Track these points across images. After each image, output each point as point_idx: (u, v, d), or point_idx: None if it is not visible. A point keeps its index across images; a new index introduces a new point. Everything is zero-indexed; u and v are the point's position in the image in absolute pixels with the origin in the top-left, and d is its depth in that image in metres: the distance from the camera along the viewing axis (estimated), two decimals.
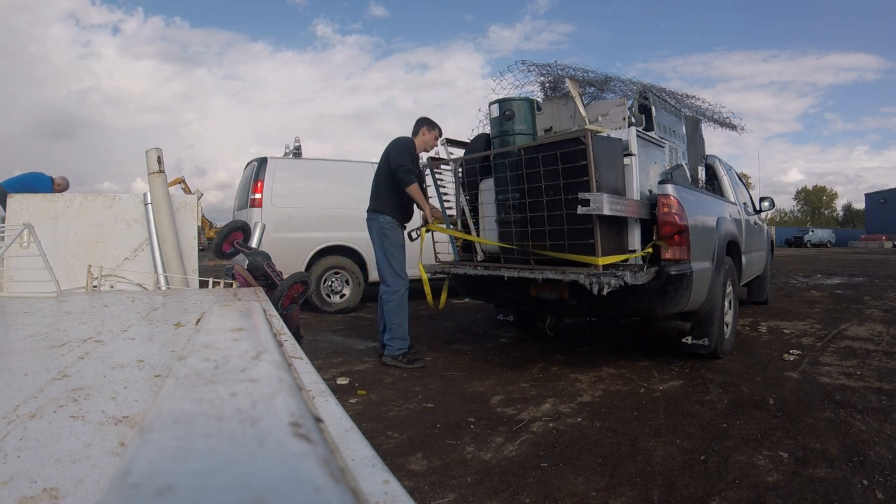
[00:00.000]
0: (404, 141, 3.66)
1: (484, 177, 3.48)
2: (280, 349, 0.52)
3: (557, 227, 2.91)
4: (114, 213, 2.22)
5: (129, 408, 0.54)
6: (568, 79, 3.67)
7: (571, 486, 1.81)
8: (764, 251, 5.56)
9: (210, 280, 2.06)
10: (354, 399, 2.79)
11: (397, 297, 3.52)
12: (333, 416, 0.47)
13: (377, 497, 0.33)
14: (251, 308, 0.88)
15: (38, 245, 1.61)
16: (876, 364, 3.35)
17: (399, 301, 3.52)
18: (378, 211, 3.63)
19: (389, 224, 3.60)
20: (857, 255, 21.37)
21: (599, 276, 2.62)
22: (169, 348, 0.83)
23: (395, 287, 3.54)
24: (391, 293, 3.53)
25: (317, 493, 0.22)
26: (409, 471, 1.94)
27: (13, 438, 0.45)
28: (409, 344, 3.54)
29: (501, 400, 2.74)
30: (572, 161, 2.78)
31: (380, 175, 3.69)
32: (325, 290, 5.80)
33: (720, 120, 5.16)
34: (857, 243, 38.70)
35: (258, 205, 5.46)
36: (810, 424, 2.33)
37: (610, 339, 4.29)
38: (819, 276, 10.27)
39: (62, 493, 0.37)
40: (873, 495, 1.71)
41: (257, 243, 2.30)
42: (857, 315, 5.36)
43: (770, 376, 3.10)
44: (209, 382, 0.37)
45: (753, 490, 1.76)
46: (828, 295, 7.18)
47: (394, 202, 3.61)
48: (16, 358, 0.77)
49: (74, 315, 1.21)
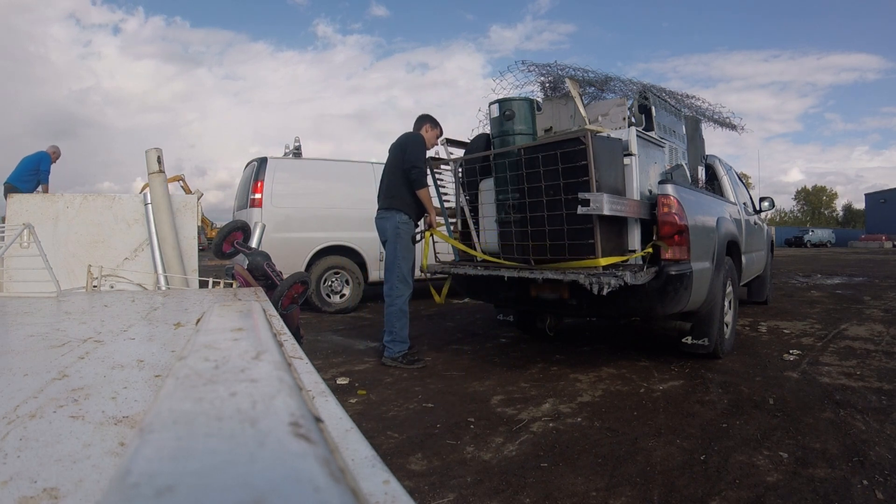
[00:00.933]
0: (419, 139, 3.58)
1: (484, 177, 3.48)
2: (280, 349, 0.52)
3: (557, 227, 2.91)
4: (114, 213, 2.22)
5: (129, 408, 0.54)
6: (568, 79, 3.67)
7: (571, 486, 1.81)
8: (764, 251, 5.56)
9: (210, 280, 2.06)
10: (354, 399, 2.79)
11: (400, 303, 3.47)
12: (333, 416, 0.47)
13: (377, 497, 0.33)
14: (251, 308, 0.88)
15: (38, 245, 1.61)
16: (876, 364, 3.35)
17: (401, 306, 3.47)
18: (393, 209, 3.49)
19: (405, 223, 3.52)
20: (857, 255, 21.37)
21: (599, 276, 2.62)
22: (169, 348, 0.83)
23: (398, 292, 3.47)
24: (394, 297, 3.47)
25: (317, 493, 0.22)
26: (409, 471, 1.94)
27: (13, 438, 0.45)
28: (410, 345, 3.52)
29: (501, 400, 2.74)
30: (572, 161, 2.78)
31: (392, 171, 3.56)
32: (325, 290, 5.80)
33: (720, 120, 5.16)
34: (856, 243, 38.70)
35: (258, 205, 5.46)
36: (810, 424, 2.33)
37: (610, 339, 4.29)
38: (819, 276, 10.26)
39: (62, 493, 0.37)
40: (873, 495, 1.71)
41: (257, 243, 2.30)
42: (857, 315, 5.36)
43: (770, 376, 3.10)
44: (209, 382, 0.37)
45: (753, 490, 1.76)
46: (828, 295, 7.18)
47: (409, 199, 3.50)
48: (16, 358, 0.77)
49: (74, 315, 1.21)
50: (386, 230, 3.54)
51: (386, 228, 3.53)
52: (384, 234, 3.59)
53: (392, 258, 3.50)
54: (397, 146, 3.61)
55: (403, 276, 3.50)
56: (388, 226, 3.51)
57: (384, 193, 3.59)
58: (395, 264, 3.48)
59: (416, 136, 3.61)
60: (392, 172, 3.57)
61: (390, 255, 3.52)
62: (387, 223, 3.52)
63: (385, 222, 3.53)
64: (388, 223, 3.51)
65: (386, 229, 3.53)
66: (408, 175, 3.45)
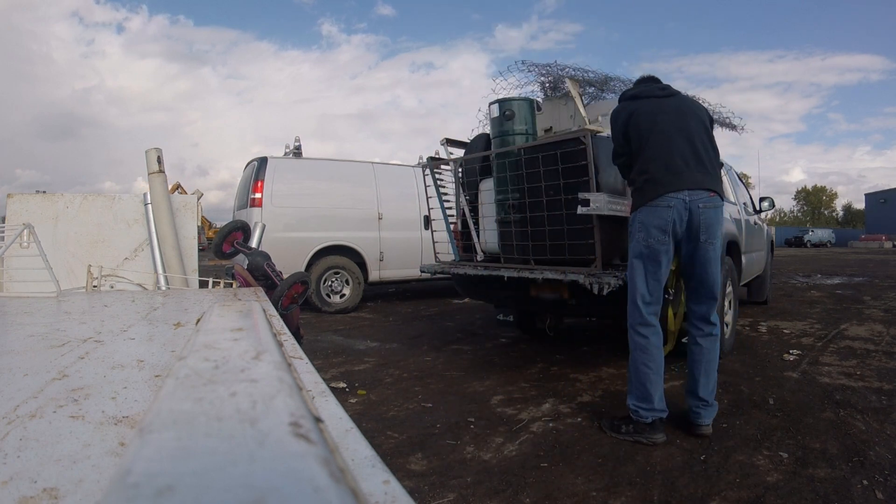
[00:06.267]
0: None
1: (484, 177, 3.48)
2: (280, 349, 0.52)
3: (557, 227, 2.91)
4: (114, 213, 2.22)
5: (129, 408, 0.54)
6: (568, 79, 3.67)
7: (571, 486, 1.81)
8: (764, 251, 5.56)
9: (210, 280, 2.06)
10: (354, 399, 2.79)
11: (720, 341, 2.34)
12: (333, 416, 0.47)
13: (377, 497, 0.33)
14: (251, 308, 0.88)
15: (38, 245, 1.62)
16: (876, 364, 3.35)
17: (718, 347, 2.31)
18: (718, 193, 2.19)
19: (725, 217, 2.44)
20: (857, 255, 21.37)
21: (599, 276, 2.62)
22: (169, 348, 0.83)
23: (717, 323, 2.28)
24: (717, 332, 2.28)
25: (317, 493, 0.22)
26: (409, 471, 1.94)
27: (13, 438, 0.45)
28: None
29: (501, 400, 2.74)
30: (572, 161, 2.78)
31: (700, 136, 2.22)
32: (325, 290, 5.80)
33: (720, 120, 5.15)
34: (857, 243, 38.71)
35: (258, 204, 5.47)
36: (810, 424, 2.33)
37: (610, 339, 4.29)
38: (819, 276, 10.26)
39: (62, 493, 0.37)
40: (873, 495, 1.71)
41: (257, 243, 2.31)
42: (857, 315, 5.36)
43: (770, 376, 3.10)
44: (209, 382, 0.37)
45: (753, 490, 1.76)
46: (828, 295, 7.18)
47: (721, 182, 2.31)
48: (16, 358, 0.77)
49: (74, 315, 1.21)
50: (711, 227, 2.14)
51: (710, 224, 2.14)
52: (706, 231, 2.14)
53: (717, 273, 2.22)
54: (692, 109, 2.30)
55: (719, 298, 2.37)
56: (716, 217, 2.16)
57: (693, 164, 2.15)
58: (718, 282, 2.24)
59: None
60: (701, 138, 2.22)
61: (716, 269, 2.20)
62: (713, 213, 2.15)
63: (712, 212, 2.15)
64: (715, 214, 2.16)
65: (711, 225, 2.14)
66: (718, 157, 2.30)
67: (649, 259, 2.16)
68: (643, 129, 2.20)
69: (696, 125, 2.23)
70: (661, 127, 2.19)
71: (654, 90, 2.34)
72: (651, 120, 2.21)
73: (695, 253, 2.17)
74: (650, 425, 2.15)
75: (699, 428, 2.21)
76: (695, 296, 2.27)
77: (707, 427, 2.21)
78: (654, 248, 2.14)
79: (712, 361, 2.25)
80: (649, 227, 2.13)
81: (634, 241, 2.20)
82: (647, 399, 2.15)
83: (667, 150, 2.16)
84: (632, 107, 2.29)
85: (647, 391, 2.15)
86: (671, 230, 2.12)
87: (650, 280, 2.17)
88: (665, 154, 2.15)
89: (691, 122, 2.23)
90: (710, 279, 2.20)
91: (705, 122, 2.29)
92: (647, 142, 2.19)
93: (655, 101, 2.28)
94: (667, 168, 2.14)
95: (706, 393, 2.22)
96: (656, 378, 2.18)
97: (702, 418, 2.21)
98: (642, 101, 2.30)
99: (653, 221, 2.13)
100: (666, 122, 2.20)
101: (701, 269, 2.19)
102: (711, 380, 2.24)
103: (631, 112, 2.26)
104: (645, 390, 2.16)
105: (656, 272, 2.16)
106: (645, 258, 2.16)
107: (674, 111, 2.24)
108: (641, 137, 2.20)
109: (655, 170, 2.15)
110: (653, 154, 2.17)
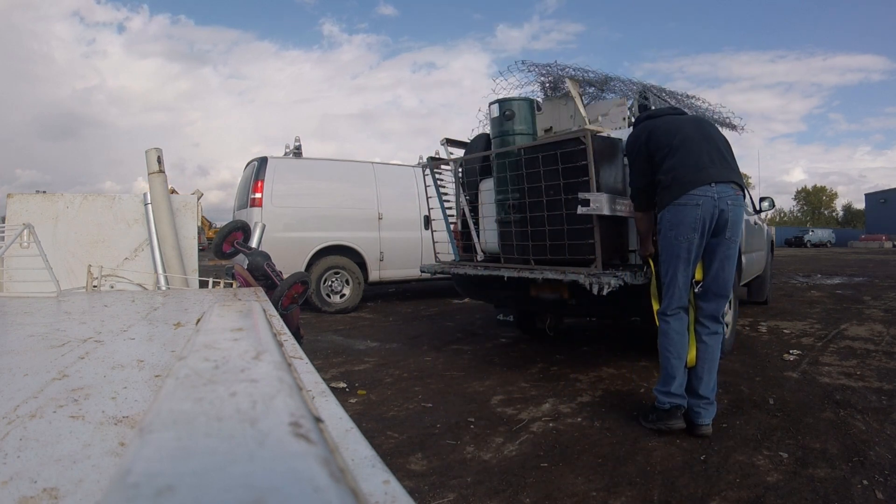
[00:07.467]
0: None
1: (484, 177, 3.48)
2: (280, 349, 0.52)
3: (557, 227, 2.91)
4: (114, 213, 2.22)
5: (129, 408, 0.54)
6: (568, 79, 3.67)
7: (571, 486, 1.81)
8: (764, 251, 5.56)
9: (210, 280, 2.06)
10: (354, 399, 2.79)
11: (722, 340, 2.36)
12: (333, 416, 0.47)
13: (377, 497, 0.33)
14: (251, 308, 0.88)
15: (38, 245, 1.62)
16: (876, 364, 3.35)
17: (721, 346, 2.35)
18: (742, 186, 2.28)
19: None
20: (857, 255, 21.36)
21: (599, 276, 2.62)
22: (169, 348, 0.83)
23: (723, 322, 2.36)
24: (722, 330, 2.34)
25: (317, 493, 0.22)
26: (409, 471, 1.94)
27: (13, 438, 0.45)
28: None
29: (501, 400, 2.74)
30: (572, 161, 2.78)
31: (722, 141, 2.38)
32: (325, 290, 5.80)
33: (720, 120, 5.15)
34: (857, 243, 38.68)
35: (258, 204, 5.47)
36: (810, 424, 2.33)
37: (610, 339, 4.29)
38: (819, 276, 10.26)
39: (62, 493, 0.37)
40: (873, 495, 1.71)
41: (257, 243, 2.31)
42: (857, 315, 5.36)
43: (770, 376, 3.10)
44: (209, 382, 0.37)
45: (753, 490, 1.76)
46: (828, 295, 7.18)
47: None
48: (16, 358, 0.77)
49: (74, 315, 1.21)
50: (733, 224, 2.21)
51: (732, 221, 2.20)
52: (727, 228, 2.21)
53: (732, 269, 2.29)
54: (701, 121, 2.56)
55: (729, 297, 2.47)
56: (737, 213, 2.22)
57: (716, 160, 2.25)
58: (731, 280, 2.33)
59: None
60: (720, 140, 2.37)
61: (731, 266, 2.27)
62: (735, 210, 2.21)
63: (734, 209, 2.20)
64: (737, 211, 2.22)
65: (732, 222, 2.21)
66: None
67: (679, 256, 2.24)
68: (668, 138, 2.32)
69: (715, 133, 2.41)
70: (686, 134, 2.32)
71: (667, 110, 2.56)
72: (675, 129, 2.34)
73: (717, 248, 2.25)
74: (668, 412, 2.25)
75: (699, 428, 2.23)
76: (706, 292, 2.32)
77: (707, 427, 2.24)
78: (683, 245, 2.22)
79: (715, 360, 2.31)
80: (679, 225, 2.21)
81: (664, 238, 2.29)
82: (667, 382, 2.26)
83: (695, 152, 2.26)
84: (651, 125, 2.41)
85: (667, 374, 2.27)
86: (700, 228, 2.19)
87: (680, 275, 2.26)
88: (693, 154, 2.26)
89: (711, 130, 2.42)
90: (727, 275, 2.27)
91: (721, 133, 2.46)
92: (672, 147, 2.29)
93: (672, 118, 2.45)
94: (695, 165, 2.23)
95: (707, 391, 2.25)
96: (677, 363, 2.27)
97: (702, 418, 2.23)
98: (660, 119, 2.45)
99: (683, 220, 2.20)
100: (690, 129, 2.35)
101: (719, 265, 2.26)
102: (713, 378, 2.28)
103: (651, 129, 2.38)
104: (666, 373, 2.28)
105: (686, 268, 2.26)
106: (675, 255, 2.25)
107: (693, 123, 2.45)
108: (667, 145, 2.30)
109: (683, 168, 2.24)
110: (680, 156, 2.27)
